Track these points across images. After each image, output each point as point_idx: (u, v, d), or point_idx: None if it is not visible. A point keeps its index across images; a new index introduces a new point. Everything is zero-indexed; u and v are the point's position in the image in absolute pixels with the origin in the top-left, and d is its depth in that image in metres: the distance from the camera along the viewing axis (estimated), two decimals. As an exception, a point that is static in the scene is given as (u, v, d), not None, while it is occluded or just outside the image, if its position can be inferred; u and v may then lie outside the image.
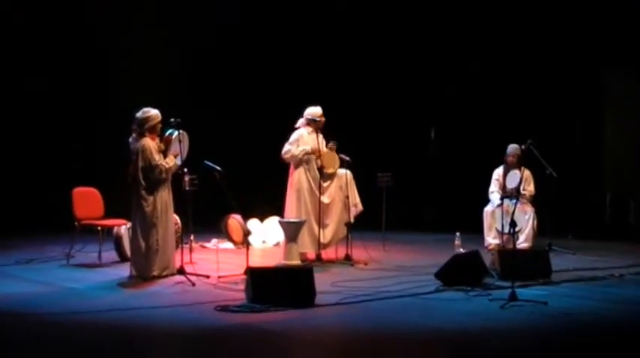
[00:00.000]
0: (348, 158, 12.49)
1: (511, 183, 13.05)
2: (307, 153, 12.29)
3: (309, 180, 12.33)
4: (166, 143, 10.85)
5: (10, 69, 15.84)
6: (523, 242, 13.20)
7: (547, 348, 7.83)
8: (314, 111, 12.46)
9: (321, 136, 12.44)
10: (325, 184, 12.37)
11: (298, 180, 12.33)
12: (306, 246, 12.22)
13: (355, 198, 12.55)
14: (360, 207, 12.57)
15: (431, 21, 17.40)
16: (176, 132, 10.82)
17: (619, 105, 16.85)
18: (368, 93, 17.55)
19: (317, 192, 12.26)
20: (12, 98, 15.90)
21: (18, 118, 15.95)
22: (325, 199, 12.34)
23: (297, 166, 12.34)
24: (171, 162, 10.78)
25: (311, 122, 12.42)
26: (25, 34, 15.96)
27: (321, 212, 12.24)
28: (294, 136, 12.38)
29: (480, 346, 7.89)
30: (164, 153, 10.82)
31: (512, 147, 13.54)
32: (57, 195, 13.05)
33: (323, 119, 12.45)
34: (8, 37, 15.85)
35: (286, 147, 12.34)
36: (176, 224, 11.72)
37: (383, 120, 17.62)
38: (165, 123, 10.87)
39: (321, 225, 12.25)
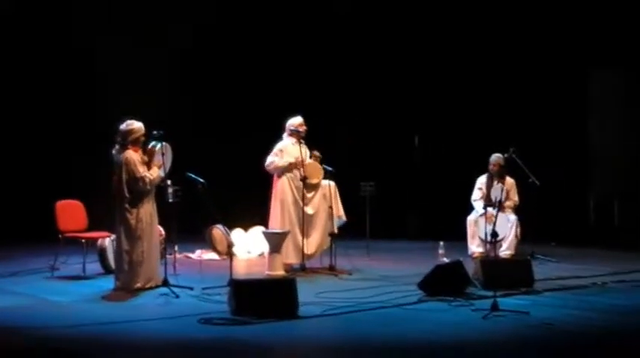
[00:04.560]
0: (331, 168, 12.51)
1: (496, 195, 13.03)
2: (291, 165, 12.32)
3: (292, 191, 12.36)
4: (149, 155, 10.85)
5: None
6: (505, 250, 13.25)
7: (529, 358, 7.88)
8: (294, 121, 12.50)
9: (304, 147, 12.48)
10: (309, 195, 12.39)
11: (282, 190, 12.36)
12: (290, 256, 12.25)
13: (339, 208, 12.58)
14: (344, 218, 12.61)
15: (412, 26, 17.40)
16: (159, 144, 10.83)
17: (604, 106, 16.83)
18: (350, 102, 17.56)
19: (301, 203, 12.29)
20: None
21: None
22: (309, 210, 12.37)
23: (280, 176, 12.38)
24: (155, 173, 10.77)
25: (293, 132, 12.46)
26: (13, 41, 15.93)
27: (305, 222, 12.27)
28: (277, 147, 12.42)
29: (461, 356, 7.92)
30: (147, 164, 10.82)
31: (495, 157, 13.61)
32: (40, 207, 13.01)
33: (304, 128, 12.48)
34: None
35: (269, 158, 12.37)
36: (160, 235, 11.71)
37: (366, 128, 17.64)
38: (149, 136, 10.87)
39: (305, 235, 12.27)
